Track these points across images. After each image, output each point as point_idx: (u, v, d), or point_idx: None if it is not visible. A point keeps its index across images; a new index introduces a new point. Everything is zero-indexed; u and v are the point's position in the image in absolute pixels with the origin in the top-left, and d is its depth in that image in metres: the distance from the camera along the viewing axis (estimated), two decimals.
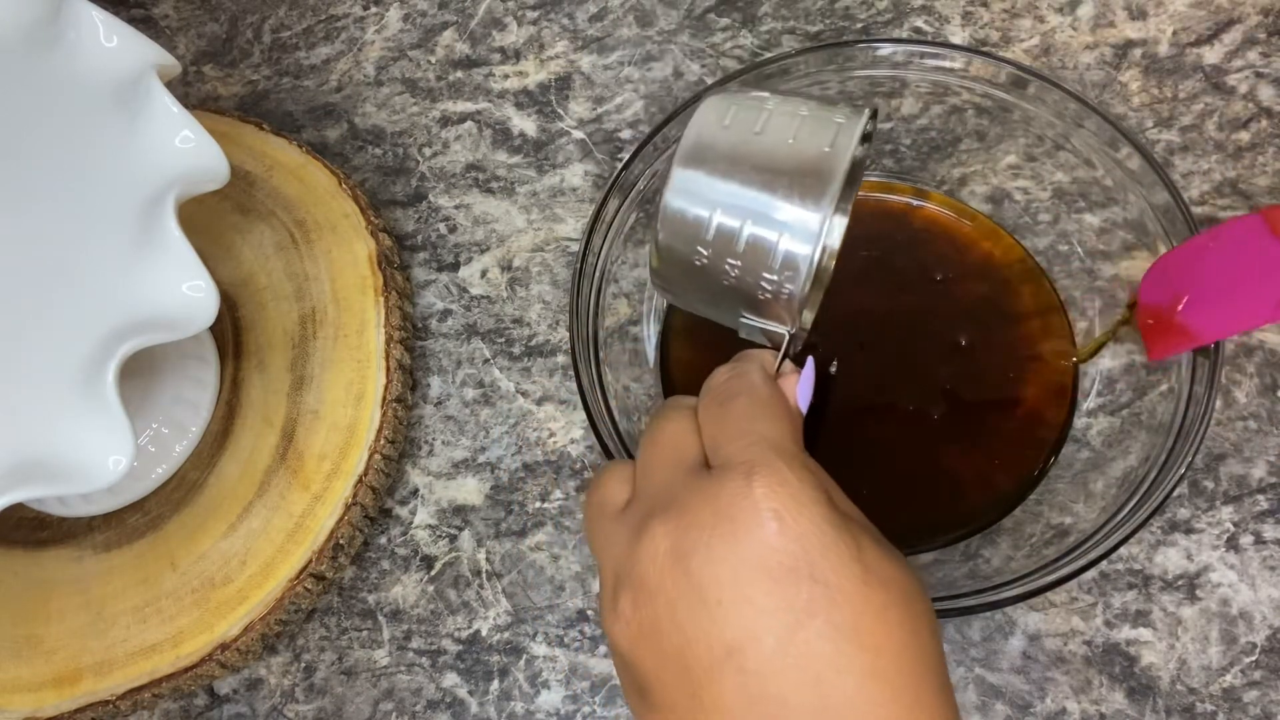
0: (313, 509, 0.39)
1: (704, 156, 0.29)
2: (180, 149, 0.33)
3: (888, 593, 0.23)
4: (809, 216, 0.27)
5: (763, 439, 0.26)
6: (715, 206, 0.28)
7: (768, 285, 0.28)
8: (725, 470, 0.25)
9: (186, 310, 0.31)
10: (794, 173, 0.28)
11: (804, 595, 0.23)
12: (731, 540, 0.24)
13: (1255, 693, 0.37)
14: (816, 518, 0.24)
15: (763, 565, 0.23)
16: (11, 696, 0.38)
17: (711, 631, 0.23)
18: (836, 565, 0.23)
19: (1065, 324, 0.40)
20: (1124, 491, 0.34)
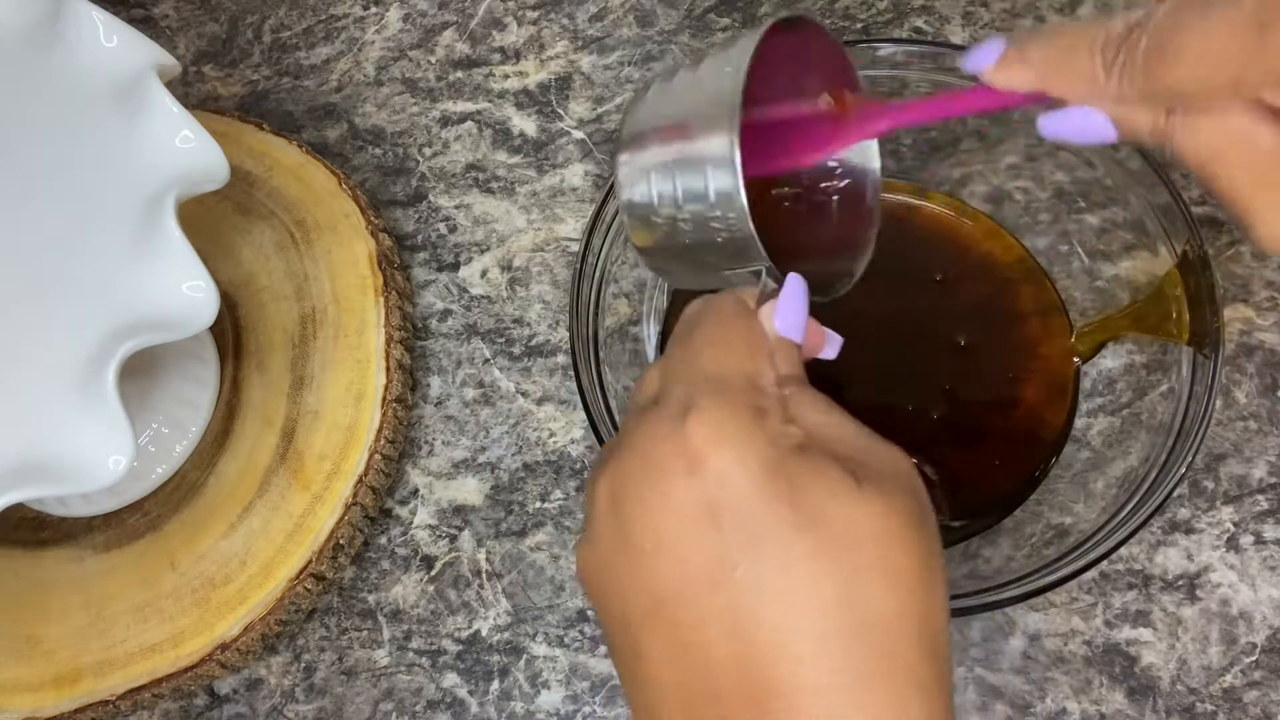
0: (313, 509, 0.39)
1: (634, 137, 0.29)
2: (180, 149, 0.33)
3: (818, 537, 0.21)
4: (718, 140, 0.26)
5: (705, 374, 0.24)
6: (649, 175, 0.28)
7: (719, 227, 0.27)
8: (662, 409, 0.24)
9: (186, 310, 0.31)
10: (700, 109, 0.27)
11: (724, 543, 0.22)
12: (657, 485, 0.22)
13: (1255, 693, 0.37)
14: (745, 458, 0.22)
15: (686, 512, 0.22)
16: (11, 696, 0.38)
17: (641, 582, 0.23)
18: (760, 508, 0.22)
19: (1065, 324, 0.40)
20: (1124, 491, 0.34)
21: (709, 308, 0.27)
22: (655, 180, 0.28)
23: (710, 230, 0.27)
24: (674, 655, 0.22)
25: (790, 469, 0.22)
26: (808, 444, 0.23)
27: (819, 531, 0.21)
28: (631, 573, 0.23)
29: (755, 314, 0.27)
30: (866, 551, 0.22)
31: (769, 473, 0.22)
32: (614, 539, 0.23)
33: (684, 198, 0.27)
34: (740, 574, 0.21)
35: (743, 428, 0.23)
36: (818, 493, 0.22)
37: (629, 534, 0.23)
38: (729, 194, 0.26)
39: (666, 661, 0.22)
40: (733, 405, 0.23)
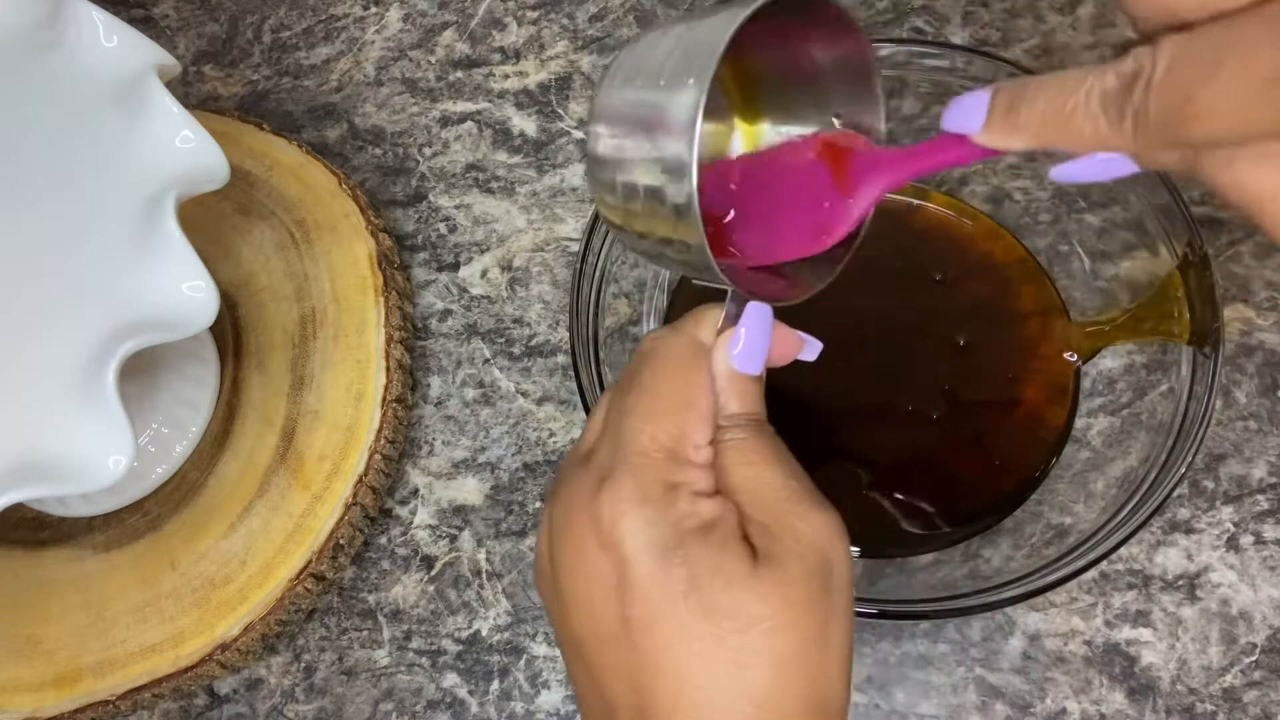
0: (313, 509, 0.39)
1: (603, 125, 0.26)
2: (180, 149, 0.33)
3: (707, 624, 0.23)
4: (671, 157, 0.24)
5: (627, 444, 0.25)
6: (614, 181, 0.26)
7: (677, 256, 0.26)
8: (586, 469, 0.25)
9: (186, 310, 0.31)
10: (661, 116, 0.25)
11: (626, 614, 0.23)
12: (574, 544, 0.24)
13: (1255, 693, 0.37)
14: (646, 544, 0.23)
15: (596, 578, 0.24)
16: (11, 696, 0.38)
17: (564, 620, 0.25)
18: (656, 592, 0.23)
19: (1065, 324, 0.40)
20: (1124, 491, 0.34)
21: (655, 354, 0.26)
22: (620, 187, 0.26)
23: (674, 249, 0.26)
24: (591, 689, 0.25)
25: (689, 554, 0.23)
26: (712, 522, 0.24)
27: (709, 618, 0.23)
28: (558, 609, 0.25)
29: (702, 361, 0.26)
30: (750, 638, 0.23)
31: (666, 560, 0.23)
32: (549, 577, 0.26)
33: (644, 215, 0.26)
34: (638, 644, 0.23)
35: (648, 510, 0.24)
36: (711, 582, 0.23)
37: (557, 580, 0.25)
38: (687, 227, 0.25)
39: (587, 691, 0.25)
40: (643, 484, 0.24)
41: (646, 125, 0.25)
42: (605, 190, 0.27)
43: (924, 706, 0.37)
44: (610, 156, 0.26)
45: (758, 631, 0.23)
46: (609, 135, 0.26)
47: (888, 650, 0.38)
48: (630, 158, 0.26)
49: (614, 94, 0.26)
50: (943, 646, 0.38)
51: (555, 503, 0.26)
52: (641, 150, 0.25)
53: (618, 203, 0.26)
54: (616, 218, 0.27)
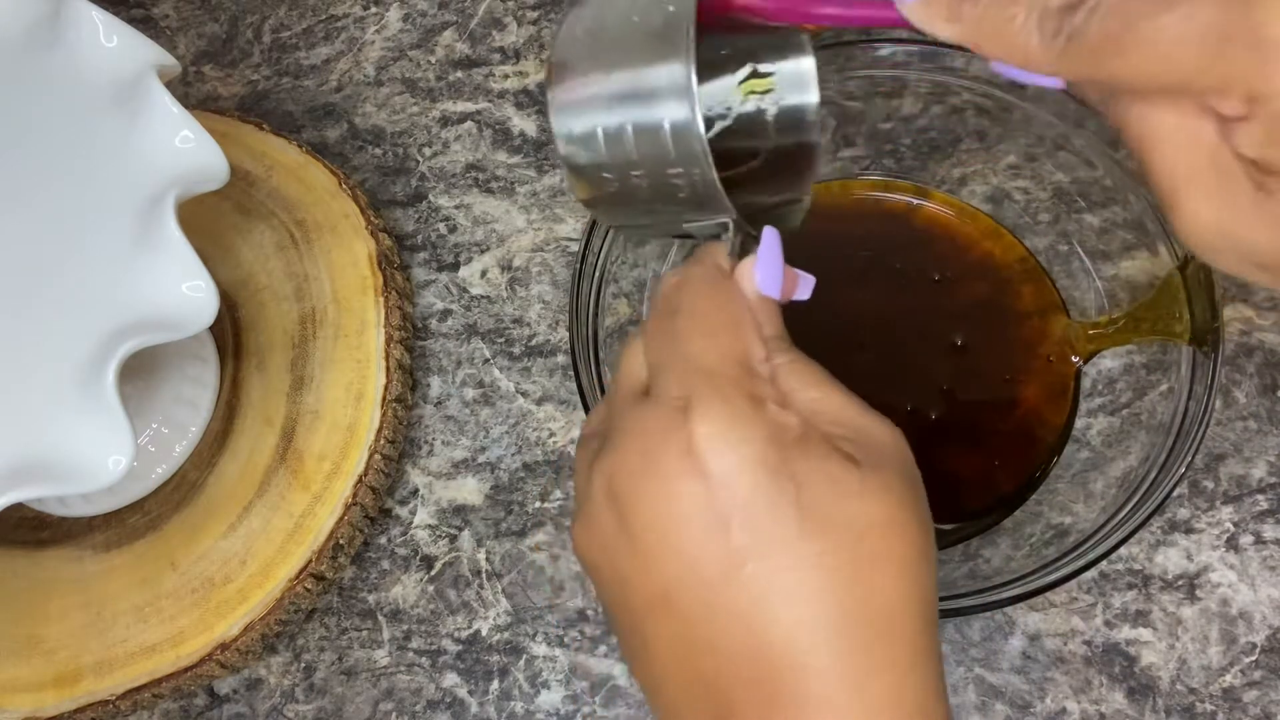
0: (313, 509, 0.39)
1: (569, 69, 0.26)
2: (180, 149, 0.33)
3: (825, 538, 0.22)
4: (674, 79, 0.24)
5: (698, 366, 0.24)
6: (591, 121, 0.25)
7: (678, 180, 0.25)
8: (657, 404, 0.24)
9: (186, 310, 0.31)
10: (645, 43, 0.25)
11: (732, 544, 0.22)
12: (659, 485, 0.23)
13: (1255, 693, 0.37)
14: (750, 460, 0.22)
15: (689, 513, 0.22)
16: (11, 696, 0.38)
17: (643, 577, 0.23)
18: (766, 512, 0.22)
19: (1065, 324, 0.40)
20: (1124, 491, 0.34)
21: (687, 282, 0.26)
22: (600, 127, 0.25)
23: (669, 185, 0.26)
24: (681, 643, 0.23)
25: (794, 467, 0.22)
26: (806, 432, 0.23)
27: (826, 532, 0.22)
28: (634, 561, 0.23)
29: (734, 281, 0.26)
30: (870, 543, 0.22)
31: (774, 475, 0.22)
32: (614, 528, 0.24)
33: (634, 145, 0.25)
34: (749, 572, 0.22)
35: (744, 427, 0.23)
36: (822, 492, 0.22)
37: (631, 527, 0.23)
38: (688, 141, 0.24)
39: (673, 648, 0.23)
40: (731, 402, 0.23)
41: (629, 59, 0.25)
42: (585, 148, 0.26)
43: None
44: (591, 102, 0.25)
45: (878, 538, 0.22)
46: (585, 84, 0.25)
47: None
48: (616, 93, 0.25)
49: (581, 45, 0.26)
50: (943, 646, 0.38)
51: (619, 447, 0.24)
52: (628, 83, 0.25)
53: (603, 158, 0.26)
54: (598, 182, 0.26)
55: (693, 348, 0.24)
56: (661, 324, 0.26)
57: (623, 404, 0.25)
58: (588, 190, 0.27)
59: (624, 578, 0.24)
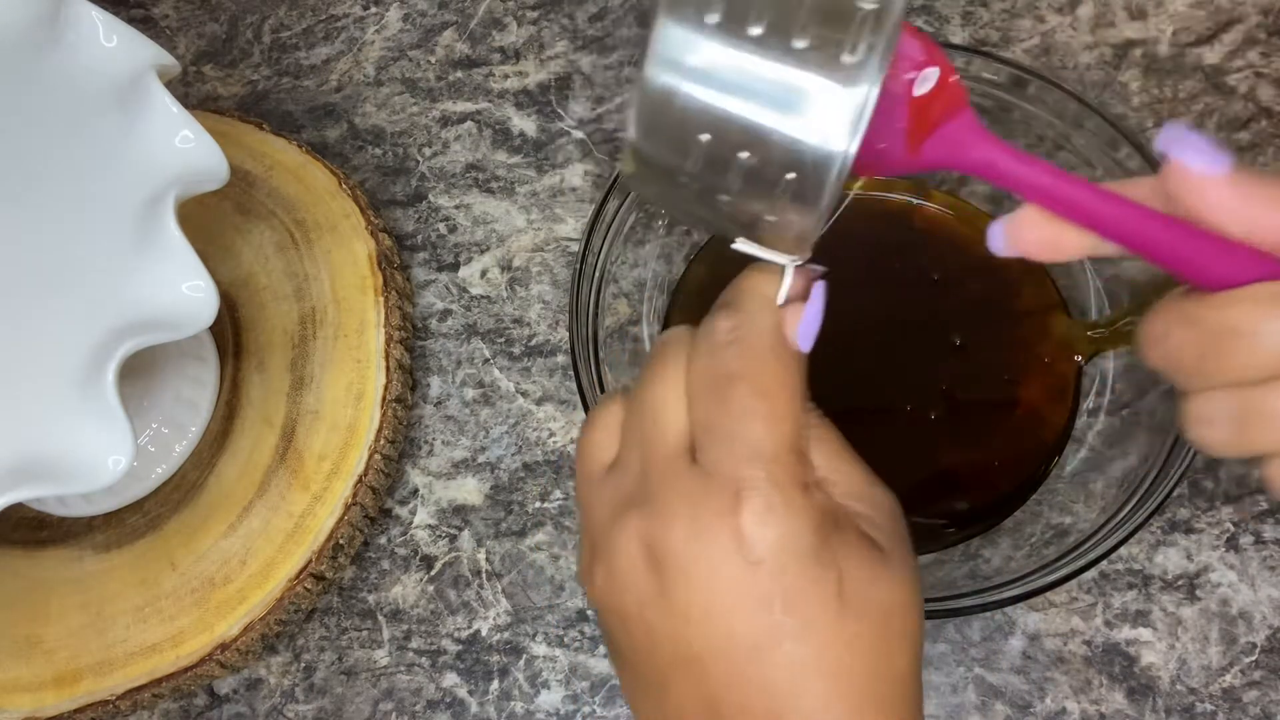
0: (312, 509, 0.39)
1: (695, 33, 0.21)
2: (180, 149, 0.33)
3: (861, 621, 0.23)
4: (835, 119, 0.20)
5: (757, 453, 0.23)
6: (707, 118, 0.21)
7: (768, 224, 0.23)
8: (711, 481, 0.23)
9: (186, 310, 0.31)
10: (815, 62, 0.20)
11: (773, 623, 0.23)
12: (707, 561, 0.23)
13: (1255, 693, 0.37)
14: (801, 551, 0.23)
15: (736, 591, 0.23)
16: (11, 696, 0.38)
17: (678, 639, 0.24)
18: (811, 602, 0.23)
19: (1066, 324, 0.40)
20: (1124, 491, 0.34)
21: (747, 341, 0.25)
22: (705, 134, 0.21)
23: (754, 218, 0.23)
24: (704, 704, 0.24)
25: (834, 554, 0.23)
26: (840, 515, 0.24)
27: (861, 615, 0.23)
28: (670, 621, 0.24)
29: (791, 346, 0.25)
30: (896, 623, 0.24)
31: (819, 563, 0.23)
32: (651, 588, 0.24)
33: (742, 179, 0.22)
34: (786, 650, 0.23)
35: (795, 518, 0.23)
36: (860, 577, 0.23)
37: (673, 592, 0.24)
38: (814, 190, 0.21)
39: (695, 706, 0.24)
40: (785, 492, 0.23)
41: (775, 101, 0.21)
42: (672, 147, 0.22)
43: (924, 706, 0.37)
44: (701, 118, 0.21)
45: (900, 618, 0.24)
46: (698, 91, 0.21)
47: None
48: (738, 130, 0.21)
49: (718, 33, 0.21)
50: (943, 646, 0.38)
51: (664, 513, 0.24)
52: (759, 130, 0.21)
53: (690, 156, 0.22)
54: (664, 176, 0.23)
55: (754, 431, 0.24)
56: (718, 387, 0.24)
57: (666, 463, 0.24)
58: (645, 174, 0.24)
59: (655, 632, 0.24)
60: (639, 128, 0.22)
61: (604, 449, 0.27)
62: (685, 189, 0.23)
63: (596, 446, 0.27)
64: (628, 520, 0.24)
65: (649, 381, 0.26)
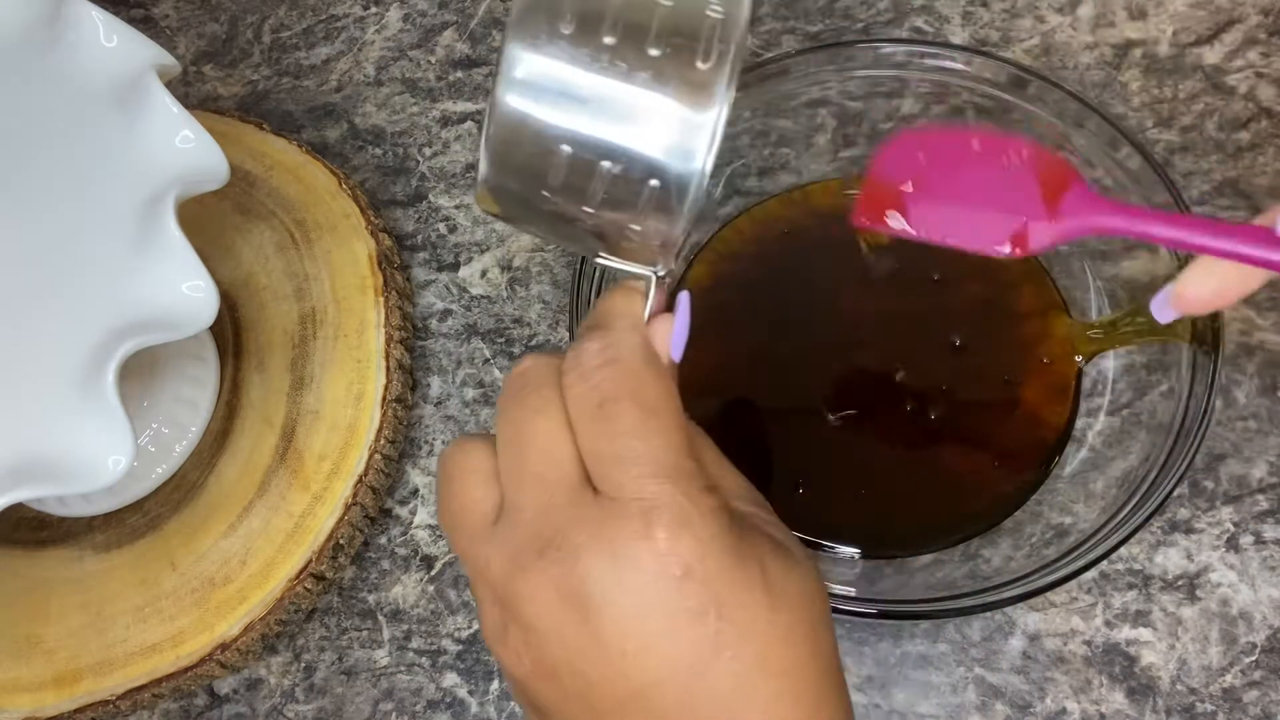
0: (313, 509, 0.39)
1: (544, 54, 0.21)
2: (180, 149, 0.33)
3: (792, 612, 0.23)
4: (695, 127, 0.20)
5: (658, 467, 0.23)
6: (564, 133, 0.21)
7: (633, 234, 0.23)
8: (619, 506, 0.23)
9: (186, 310, 0.31)
10: (671, 71, 0.20)
11: (711, 634, 0.22)
12: (634, 590, 0.22)
13: (1255, 693, 0.37)
14: (722, 552, 0.23)
15: (669, 612, 0.22)
16: (11, 696, 0.38)
17: (615, 679, 0.23)
18: (744, 600, 0.23)
19: (1067, 324, 0.40)
20: (1124, 491, 0.34)
21: (620, 361, 0.24)
22: (571, 136, 0.21)
23: (618, 231, 0.23)
24: None
25: (752, 549, 0.23)
26: (739, 513, 0.24)
27: (792, 607, 0.23)
28: (603, 664, 0.23)
29: (658, 359, 0.25)
30: (818, 608, 0.24)
31: (741, 561, 0.23)
32: (575, 632, 0.23)
33: (602, 182, 0.22)
34: (729, 656, 0.23)
35: (710, 520, 0.23)
36: (779, 567, 0.24)
37: (601, 630, 0.23)
38: (671, 204, 0.21)
39: None
40: (694, 499, 0.23)
41: (632, 114, 0.21)
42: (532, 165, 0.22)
43: (924, 706, 0.37)
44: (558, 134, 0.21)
45: (819, 600, 0.24)
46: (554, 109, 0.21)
47: (887, 650, 0.38)
48: (593, 138, 0.21)
49: (569, 50, 0.21)
50: (943, 646, 0.38)
51: (579, 552, 0.23)
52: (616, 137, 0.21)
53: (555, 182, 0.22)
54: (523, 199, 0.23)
55: (648, 447, 0.23)
56: (601, 410, 0.24)
57: (566, 499, 0.23)
58: (505, 198, 0.23)
59: (588, 678, 0.23)
60: (492, 155, 0.22)
61: (481, 500, 0.25)
62: (545, 205, 0.23)
63: (471, 499, 0.25)
64: (537, 568, 0.23)
65: (523, 418, 0.24)
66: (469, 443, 0.26)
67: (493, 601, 0.24)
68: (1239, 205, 0.43)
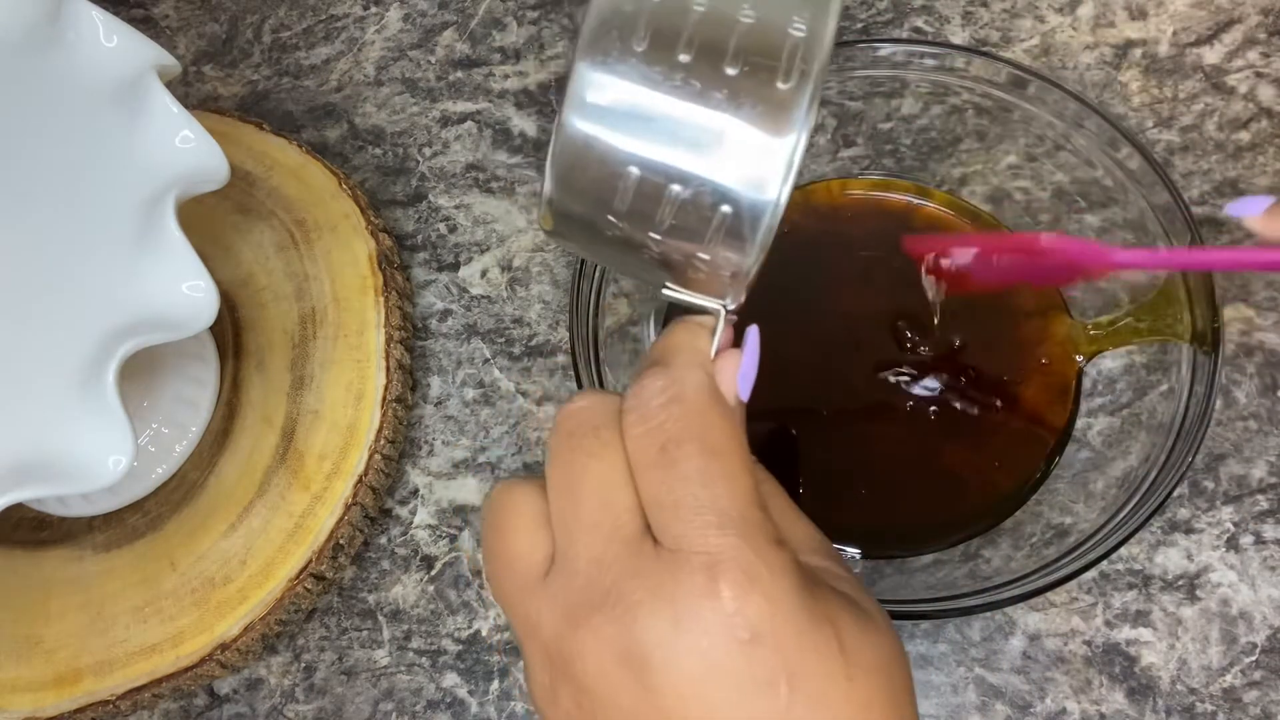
0: (313, 509, 0.39)
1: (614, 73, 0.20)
2: (180, 149, 0.33)
3: (870, 681, 0.21)
4: (771, 152, 0.19)
5: (723, 517, 0.21)
6: (632, 155, 0.20)
7: (702, 264, 0.22)
8: (681, 560, 0.21)
9: (186, 310, 0.31)
10: (748, 91, 0.19)
11: (782, 707, 0.21)
12: (697, 655, 0.20)
13: (1255, 693, 0.37)
14: (794, 614, 0.21)
15: (737, 680, 0.21)
16: (11, 696, 0.38)
17: None
18: (818, 667, 0.21)
19: (1067, 324, 0.40)
20: (1124, 491, 0.34)
21: (683, 402, 0.22)
22: (640, 159, 0.20)
23: (688, 260, 0.22)
24: None
25: (825, 610, 0.22)
26: (812, 569, 0.23)
27: (868, 675, 0.22)
28: None
29: (732, 401, 0.23)
30: (897, 679, 0.22)
31: (817, 623, 0.21)
32: (633, 700, 0.21)
33: (673, 217, 0.21)
34: None
35: (779, 577, 0.21)
36: (855, 633, 0.22)
37: (661, 700, 0.21)
38: (745, 232, 0.20)
39: None
40: (762, 553, 0.21)
41: (705, 140, 0.20)
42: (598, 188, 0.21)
43: (924, 706, 0.37)
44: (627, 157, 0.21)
45: (898, 669, 0.22)
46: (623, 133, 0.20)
47: None
48: (663, 162, 0.20)
49: (641, 67, 0.20)
50: (943, 646, 0.38)
51: (637, 610, 0.21)
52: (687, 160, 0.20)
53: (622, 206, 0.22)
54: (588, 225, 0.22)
55: (713, 494, 0.21)
56: (664, 455, 0.22)
57: (624, 551, 0.22)
58: (564, 221, 0.23)
59: None
60: (557, 176, 0.21)
61: (531, 550, 0.23)
62: (610, 231, 0.22)
63: (521, 549, 0.23)
64: (591, 625, 0.21)
65: (578, 462, 0.23)
66: (517, 487, 0.24)
67: (542, 660, 0.23)
68: None
